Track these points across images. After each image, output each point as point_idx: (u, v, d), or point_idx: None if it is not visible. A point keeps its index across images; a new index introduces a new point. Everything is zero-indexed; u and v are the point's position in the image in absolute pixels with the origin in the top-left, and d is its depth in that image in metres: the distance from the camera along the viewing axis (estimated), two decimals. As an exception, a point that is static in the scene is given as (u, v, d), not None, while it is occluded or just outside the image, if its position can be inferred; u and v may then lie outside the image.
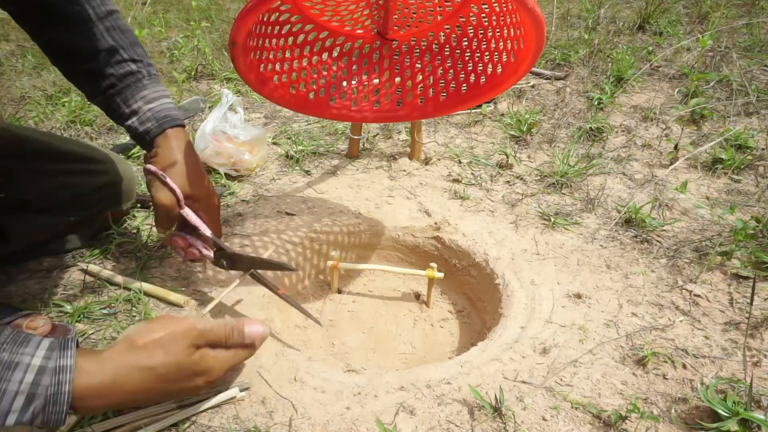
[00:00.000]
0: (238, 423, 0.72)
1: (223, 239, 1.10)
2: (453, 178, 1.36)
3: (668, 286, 1.00)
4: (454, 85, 1.07)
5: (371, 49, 1.10)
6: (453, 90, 1.07)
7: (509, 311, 0.95)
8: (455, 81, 1.06)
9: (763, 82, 1.92)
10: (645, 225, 1.16)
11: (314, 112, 1.10)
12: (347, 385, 0.79)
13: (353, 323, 1.07)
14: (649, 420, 0.73)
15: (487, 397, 0.77)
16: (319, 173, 1.38)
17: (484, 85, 1.02)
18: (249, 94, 1.86)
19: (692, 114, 1.68)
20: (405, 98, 1.10)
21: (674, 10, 2.73)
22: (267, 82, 1.00)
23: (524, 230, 1.16)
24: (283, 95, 1.04)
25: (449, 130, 1.63)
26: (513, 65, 0.96)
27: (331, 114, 1.10)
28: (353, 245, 1.19)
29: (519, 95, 1.87)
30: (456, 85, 1.06)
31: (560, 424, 0.73)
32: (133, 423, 0.70)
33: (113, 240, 1.06)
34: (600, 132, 1.60)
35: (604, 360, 0.84)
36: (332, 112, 1.10)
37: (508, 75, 0.97)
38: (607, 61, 2.09)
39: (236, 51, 0.86)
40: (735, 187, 1.34)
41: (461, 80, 1.05)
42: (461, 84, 1.05)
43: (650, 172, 1.40)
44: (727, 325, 0.91)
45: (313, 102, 1.08)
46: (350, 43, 1.08)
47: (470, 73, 1.04)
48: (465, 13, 1.00)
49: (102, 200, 1.05)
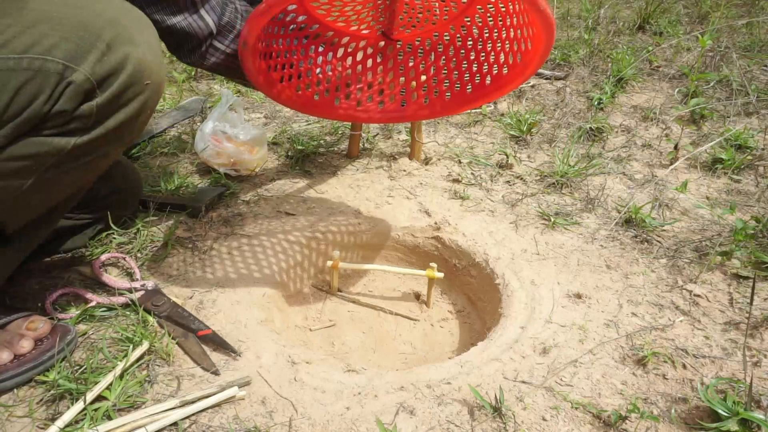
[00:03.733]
0: (238, 423, 0.72)
1: (224, 240, 1.10)
2: (453, 178, 1.36)
3: (668, 286, 1.00)
4: (459, 85, 1.06)
5: (375, 49, 1.10)
6: (458, 90, 1.06)
7: (509, 311, 0.95)
8: (460, 81, 1.06)
9: (763, 82, 1.92)
10: (645, 225, 1.16)
11: (321, 112, 1.10)
12: (347, 385, 0.79)
13: (353, 323, 1.07)
14: (649, 420, 0.73)
15: (487, 397, 0.77)
16: (319, 173, 1.38)
17: (490, 86, 1.02)
18: (249, 94, 1.86)
19: (692, 114, 1.68)
20: (410, 98, 1.10)
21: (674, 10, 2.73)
22: (274, 84, 1.00)
23: (524, 230, 1.16)
24: (290, 96, 1.04)
25: (449, 130, 1.63)
26: (520, 66, 0.95)
27: (338, 114, 1.10)
28: (353, 245, 1.19)
29: (519, 95, 1.87)
30: (461, 85, 1.06)
31: (560, 424, 0.73)
32: (133, 423, 0.70)
33: (113, 240, 1.06)
34: (600, 132, 1.60)
35: (604, 360, 0.84)
36: (339, 113, 1.10)
37: (515, 75, 0.97)
38: (607, 61, 2.09)
39: (246, 52, 0.86)
40: (735, 187, 1.35)
41: (467, 80, 1.05)
42: (466, 84, 1.05)
43: (650, 172, 1.40)
44: (727, 325, 0.91)
45: (319, 103, 1.08)
46: (354, 43, 1.08)
47: (476, 73, 1.04)
48: (471, 13, 1.00)
49: (114, 203, 1.06)
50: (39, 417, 0.72)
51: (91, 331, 0.86)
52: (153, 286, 0.94)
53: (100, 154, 0.76)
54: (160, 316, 0.89)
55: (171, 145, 1.47)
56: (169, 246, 1.06)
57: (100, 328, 0.87)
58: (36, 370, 0.76)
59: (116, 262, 1.02)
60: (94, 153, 0.75)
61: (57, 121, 0.68)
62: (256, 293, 0.98)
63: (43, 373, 0.77)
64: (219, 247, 1.08)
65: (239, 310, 0.93)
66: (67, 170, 0.74)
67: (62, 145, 0.70)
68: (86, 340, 0.84)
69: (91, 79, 0.67)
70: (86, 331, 0.86)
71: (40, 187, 0.73)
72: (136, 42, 0.71)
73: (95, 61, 0.67)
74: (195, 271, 1.02)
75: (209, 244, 1.09)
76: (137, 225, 1.10)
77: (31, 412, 0.72)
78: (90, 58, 0.67)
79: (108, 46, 0.68)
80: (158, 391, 0.76)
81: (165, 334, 0.85)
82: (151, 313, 0.89)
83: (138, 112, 0.75)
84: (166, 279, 0.99)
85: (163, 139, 1.52)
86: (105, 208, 1.04)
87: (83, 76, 0.67)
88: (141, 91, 0.74)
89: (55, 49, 0.66)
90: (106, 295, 0.93)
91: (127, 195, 1.09)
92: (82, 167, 0.76)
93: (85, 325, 0.87)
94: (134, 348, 0.80)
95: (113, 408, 0.73)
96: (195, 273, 1.01)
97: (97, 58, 0.67)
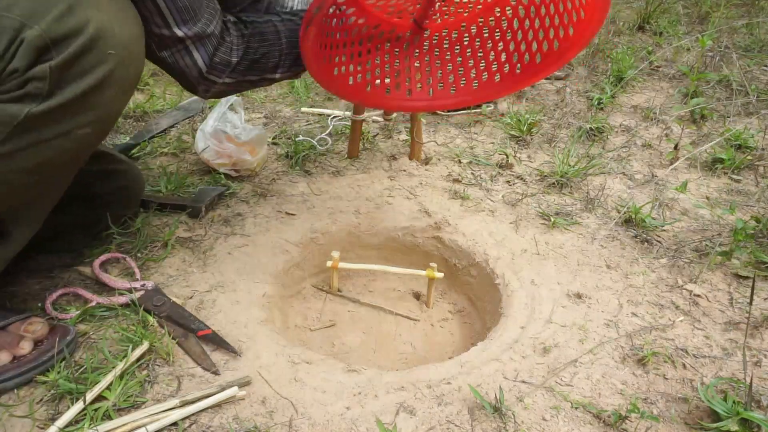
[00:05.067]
0: (238, 423, 0.72)
1: (224, 240, 1.10)
2: (453, 178, 1.36)
3: (668, 286, 1.00)
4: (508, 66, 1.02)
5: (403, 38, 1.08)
6: (507, 71, 1.01)
7: (509, 311, 0.95)
8: (509, 62, 1.01)
9: (763, 82, 1.92)
10: (645, 225, 1.16)
11: (373, 102, 1.10)
12: (347, 385, 0.79)
13: (353, 323, 1.07)
14: (649, 420, 0.73)
15: (487, 397, 0.77)
16: (319, 173, 1.38)
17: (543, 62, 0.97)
18: (249, 94, 1.86)
19: (692, 114, 1.68)
20: (458, 84, 1.07)
21: (674, 10, 2.73)
22: (330, 75, 0.99)
23: (524, 230, 1.16)
24: (343, 86, 1.02)
25: (449, 130, 1.63)
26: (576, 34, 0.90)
27: (390, 104, 1.10)
28: (353, 245, 1.19)
29: (519, 95, 1.87)
30: (510, 67, 1.01)
31: (560, 424, 0.73)
32: (133, 423, 0.70)
33: (113, 240, 1.06)
34: (600, 132, 1.60)
35: (604, 360, 0.84)
36: (391, 103, 1.10)
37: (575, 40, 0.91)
38: (607, 61, 2.09)
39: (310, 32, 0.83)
40: (735, 187, 1.35)
41: (515, 61, 1.00)
42: (515, 64, 1.00)
43: (650, 172, 1.40)
44: (727, 325, 0.91)
45: (371, 93, 1.07)
46: (384, 31, 1.06)
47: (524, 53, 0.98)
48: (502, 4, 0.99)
49: (116, 202, 1.05)
50: (39, 417, 0.72)
51: (91, 331, 0.86)
52: (153, 286, 0.94)
53: (61, 132, 0.71)
54: (160, 316, 0.89)
55: (171, 145, 1.47)
56: (169, 246, 1.06)
57: (100, 328, 0.87)
58: (36, 370, 0.76)
59: (116, 262, 1.02)
60: (53, 128, 0.70)
61: (10, 84, 0.65)
62: (256, 293, 0.98)
63: (43, 373, 0.77)
64: (219, 247, 1.08)
65: (239, 310, 0.93)
66: (24, 147, 0.69)
67: (14, 113, 0.66)
68: (86, 340, 0.84)
69: (45, 37, 0.64)
70: (86, 331, 0.86)
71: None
72: (102, 8, 0.68)
73: (53, 21, 0.65)
74: (195, 271, 1.02)
75: (209, 244, 1.09)
76: (137, 225, 1.10)
77: (31, 412, 0.72)
78: (48, 17, 0.64)
79: (70, 7, 0.66)
80: (158, 391, 0.76)
81: (165, 334, 0.85)
82: (151, 313, 0.89)
83: (99, 84, 0.70)
84: (166, 279, 0.99)
85: (163, 139, 1.52)
86: (106, 207, 1.03)
87: (38, 32, 0.64)
88: (102, 61, 0.69)
89: (14, 6, 0.64)
90: (106, 295, 0.93)
91: (130, 193, 1.08)
92: (43, 147, 0.70)
93: (85, 325, 0.87)
94: (134, 348, 0.80)
95: (113, 408, 0.73)
96: (195, 273, 1.01)
97: (55, 18, 0.65)
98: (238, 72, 0.91)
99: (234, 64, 0.90)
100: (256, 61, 0.92)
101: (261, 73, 0.95)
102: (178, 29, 0.81)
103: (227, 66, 0.89)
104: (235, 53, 0.89)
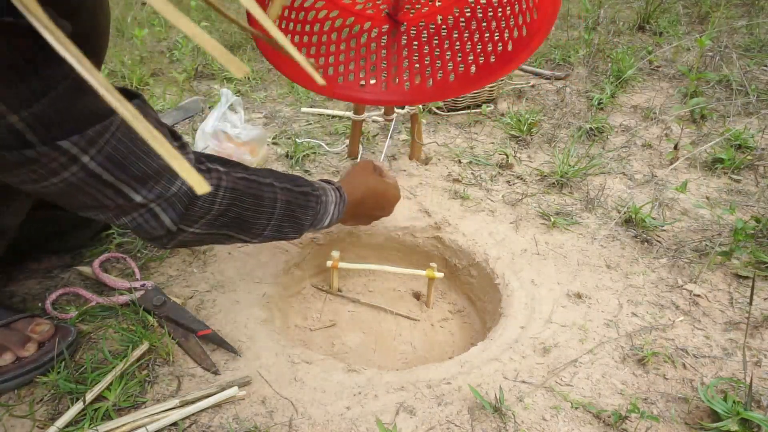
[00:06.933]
0: (238, 423, 0.72)
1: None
2: (453, 178, 1.36)
3: (668, 286, 1.00)
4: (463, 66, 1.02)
5: (379, 33, 1.08)
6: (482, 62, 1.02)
7: (509, 311, 0.95)
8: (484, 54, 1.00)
9: (763, 82, 1.92)
10: (645, 225, 1.16)
11: (344, 96, 1.09)
12: (347, 385, 0.79)
13: (353, 323, 1.07)
14: (649, 420, 0.73)
15: (487, 397, 0.77)
16: (319, 173, 1.38)
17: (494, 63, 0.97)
18: (249, 93, 1.86)
19: (692, 114, 1.68)
20: (435, 77, 1.07)
21: (674, 10, 2.73)
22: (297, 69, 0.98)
23: (524, 230, 1.16)
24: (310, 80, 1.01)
25: (449, 130, 1.63)
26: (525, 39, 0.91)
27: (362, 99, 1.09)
28: (353, 245, 1.19)
29: (519, 95, 1.87)
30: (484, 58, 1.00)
31: (560, 424, 0.73)
32: (133, 423, 0.70)
33: (113, 240, 1.06)
34: (600, 132, 1.60)
35: (604, 360, 0.84)
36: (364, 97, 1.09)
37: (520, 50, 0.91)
38: (607, 61, 2.09)
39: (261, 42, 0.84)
40: (735, 187, 1.35)
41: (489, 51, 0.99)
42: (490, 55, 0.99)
43: (650, 172, 1.41)
44: (727, 325, 0.91)
45: (342, 86, 1.07)
46: (359, 25, 1.06)
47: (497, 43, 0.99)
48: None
49: None
50: (39, 417, 0.72)
51: (91, 331, 0.86)
52: (153, 286, 0.94)
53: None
54: (160, 316, 0.89)
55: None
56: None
57: (101, 328, 0.87)
58: (37, 371, 0.76)
59: (116, 262, 1.02)
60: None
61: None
62: (256, 293, 0.98)
63: (44, 373, 0.77)
64: (219, 247, 1.08)
65: (239, 309, 0.93)
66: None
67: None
68: (86, 340, 0.85)
69: None
70: (86, 331, 0.86)
71: None
72: None
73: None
74: (195, 271, 1.02)
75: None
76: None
77: (31, 412, 0.72)
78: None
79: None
80: (158, 391, 0.77)
81: (165, 334, 0.85)
82: (151, 313, 0.89)
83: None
84: (166, 279, 0.99)
85: (163, 139, 1.52)
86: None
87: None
88: None
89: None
90: (106, 295, 0.93)
91: None
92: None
93: (85, 325, 0.87)
94: (134, 348, 0.80)
95: (113, 408, 0.73)
96: (195, 273, 1.01)
97: None
98: (213, 224, 0.76)
99: (209, 217, 0.75)
100: (240, 218, 0.78)
101: (238, 233, 0.80)
102: (137, 195, 0.66)
103: (201, 217, 0.74)
104: (216, 205, 0.75)
